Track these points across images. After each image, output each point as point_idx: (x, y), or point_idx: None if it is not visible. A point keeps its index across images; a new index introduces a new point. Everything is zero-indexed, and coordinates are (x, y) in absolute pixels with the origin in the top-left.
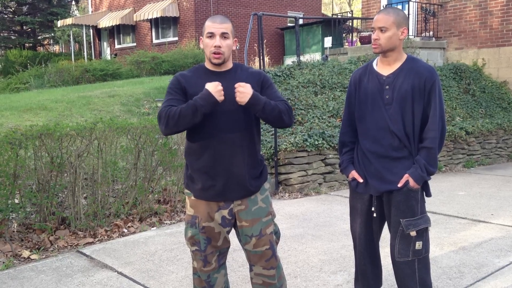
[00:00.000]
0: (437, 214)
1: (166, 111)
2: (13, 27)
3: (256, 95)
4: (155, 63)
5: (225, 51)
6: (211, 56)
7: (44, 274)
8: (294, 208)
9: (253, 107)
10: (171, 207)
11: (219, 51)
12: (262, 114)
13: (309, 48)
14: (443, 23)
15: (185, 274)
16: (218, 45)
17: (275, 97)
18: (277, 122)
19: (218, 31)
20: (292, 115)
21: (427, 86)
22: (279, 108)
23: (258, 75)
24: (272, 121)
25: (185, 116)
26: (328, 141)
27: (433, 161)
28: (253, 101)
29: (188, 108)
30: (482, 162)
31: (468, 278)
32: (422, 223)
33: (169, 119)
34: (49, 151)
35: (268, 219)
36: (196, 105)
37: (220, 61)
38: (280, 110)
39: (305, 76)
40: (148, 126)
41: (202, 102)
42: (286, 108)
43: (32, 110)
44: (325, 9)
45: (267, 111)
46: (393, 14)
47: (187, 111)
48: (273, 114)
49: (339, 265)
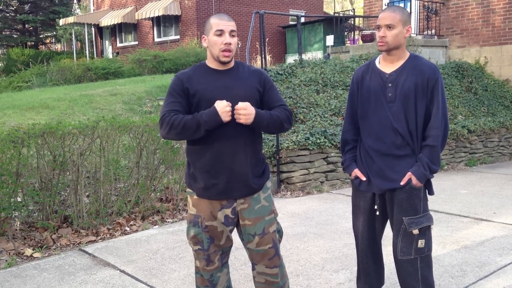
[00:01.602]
0: (439, 213)
1: (170, 118)
2: (15, 26)
3: (259, 113)
4: (157, 61)
5: (234, 48)
6: (221, 54)
7: (47, 272)
8: (296, 206)
9: (257, 125)
10: (173, 206)
11: (229, 48)
12: (266, 130)
13: (311, 46)
14: (445, 21)
15: (187, 272)
16: (229, 42)
17: (276, 100)
18: (278, 131)
19: (228, 28)
20: (292, 119)
21: (430, 84)
22: (281, 118)
23: (260, 74)
24: (273, 131)
25: (188, 129)
26: (330, 139)
27: (436, 159)
28: (258, 120)
29: (193, 122)
30: (484, 161)
31: (470, 276)
32: (424, 221)
33: (172, 127)
34: (51, 149)
35: (271, 217)
36: (200, 122)
37: (229, 59)
38: (282, 120)
39: (307, 74)
40: (150, 125)
41: (207, 119)
42: (287, 115)
43: (34, 109)
44: (327, 7)
45: (271, 126)
46: (399, 12)
47: (191, 125)
48: (275, 125)
49: (341, 264)
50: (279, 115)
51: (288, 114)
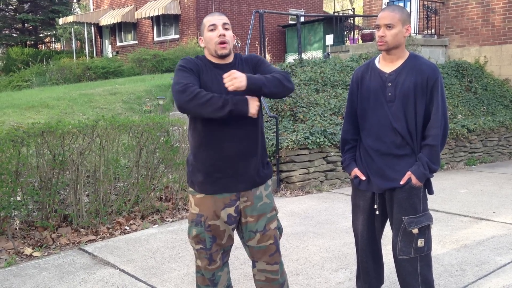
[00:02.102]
0: (439, 212)
1: (195, 88)
2: (15, 25)
3: (250, 75)
4: (156, 60)
5: (229, 40)
6: (218, 47)
7: (47, 272)
8: (296, 205)
9: (254, 87)
10: (172, 205)
11: (224, 40)
12: (268, 91)
13: (310, 45)
14: (445, 20)
15: (187, 271)
16: (223, 34)
17: (269, 70)
18: (281, 90)
19: (220, 22)
20: (290, 78)
21: (430, 83)
22: (277, 78)
23: (250, 59)
24: (276, 92)
25: (212, 105)
26: (329, 138)
27: (436, 159)
28: (251, 80)
29: (220, 99)
30: (484, 160)
31: (470, 275)
32: (424, 221)
33: (196, 97)
34: (51, 148)
35: (272, 214)
36: (229, 101)
37: (226, 51)
38: (279, 78)
39: (307, 73)
40: (150, 124)
41: (236, 102)
42: (283, 75)
43: (34, 108)
44: (326, 7)
45: (270, 86)
46: (399, 11)
47: (217, 101)
48: (274, 84)
49: (341, 263)
50: (275, 75)
51: (285, 74)
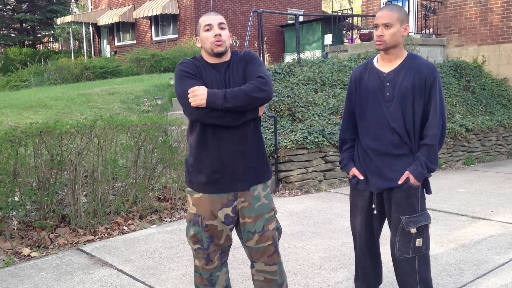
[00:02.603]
0: (437, 211)
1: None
2: (13, 25)
3: (212, 92)
4: (154, 60)
5: (226, 39)
6: (214, 46)
7: (45, 272)
8: (294, 205)
9: (213, 106)
10: (171, 205)
11: (220, 39)
12: (229, 105)
13: (309, 45)
14: (443, 20)
15: (185, 271)
16: (219, 33)
17: (252, 74)
18: (250, 103)
19: (215, 22)
20: (268, 86)
21: (428, 83)
22: (244, 90)
23: (244, 57)
24: (242, 105)
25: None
26: (328, 138)
27: (434, 158)
28: (211, 99)
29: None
30: (482, 159)
31: (468, 275)
32: (422, 220)
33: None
34: (49, 148)
35: (270, 215)
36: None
37: (223, 49)
38: (246, 91)
39: (305, 73)
40: (148, 124)
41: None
42: (255, 84)
43: (31, 108)
44: (325, 6)
45: (235, 100)
46: (397, 11)
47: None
48: (240, 99)
49: (339, 262)
50: (243, 88)
51: (258, 82)
